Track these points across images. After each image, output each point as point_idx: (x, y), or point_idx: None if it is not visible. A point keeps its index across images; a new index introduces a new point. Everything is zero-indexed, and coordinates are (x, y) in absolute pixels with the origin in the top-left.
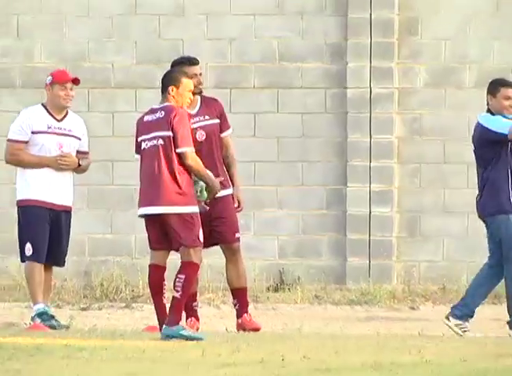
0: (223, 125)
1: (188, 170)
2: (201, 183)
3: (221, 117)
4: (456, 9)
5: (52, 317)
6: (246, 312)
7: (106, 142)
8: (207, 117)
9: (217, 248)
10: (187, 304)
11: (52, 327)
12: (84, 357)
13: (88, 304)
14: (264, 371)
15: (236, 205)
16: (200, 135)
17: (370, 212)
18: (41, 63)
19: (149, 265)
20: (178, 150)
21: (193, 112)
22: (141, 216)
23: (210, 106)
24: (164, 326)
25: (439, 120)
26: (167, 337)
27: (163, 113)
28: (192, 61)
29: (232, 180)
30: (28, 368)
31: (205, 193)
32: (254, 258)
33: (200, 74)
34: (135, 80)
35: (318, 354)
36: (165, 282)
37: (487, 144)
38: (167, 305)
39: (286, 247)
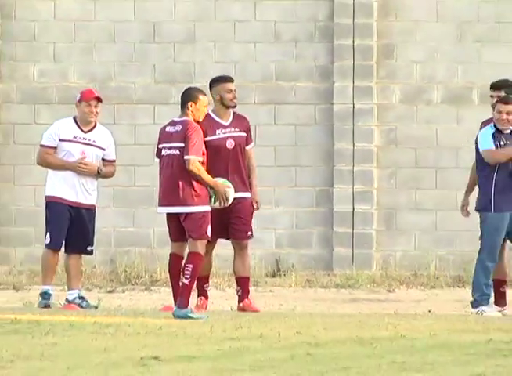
0: (248, 140)
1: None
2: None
3: (248, 132)
4: (425, 37)
5: (82, 298)
6: (247, 297)
7: (129, 150)
8: (236, 129)
9: (224, 240)
10: (199, 285)
11: (47, 306)
12: (110, 332)
13: (114, 287)
14: (263, 345)
15: (254, 206)
16: (230, 144)
17: (353, 209)
18: (74, 82)
19: (170, 254)
20: (185, 157)
21: (226, 123)
22: (160, 213)
23: (240, 121)
24: (175, 307)
25: (411, 131)
26: (178, 317)
27: (180, 127)
28: (229, 79)
29: (251, 185)
30: (63, 341)
31: (215, 202)
32: (254, 249)
33: (235, 90)
34: (153, 97)
35: (309, 330)
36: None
37: (478, 151)
38: None
39: (282, 239)
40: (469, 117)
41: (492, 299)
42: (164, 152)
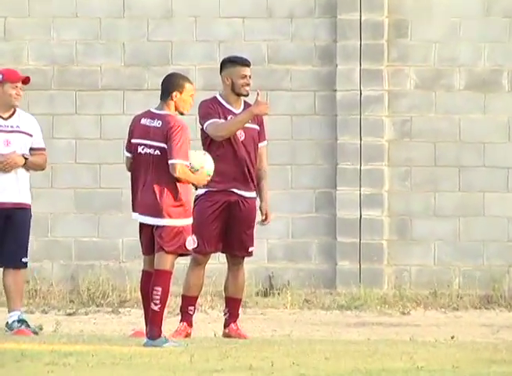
0: (260, 135)
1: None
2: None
3: (261, 126)
4: (445, 11)
5: (22, 321)
6: (234, 322)
7: (94, 145)
8: (249, 120)
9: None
10: (184, 306)
11: None
12: (70, 363)
13: (75, 309)
14: None
15: (263, 218)
16: (240, 135)
17: (360, 215)
18: (29, 65)
19: (142, 271)
20: (169, 161)
21: (237, 112)
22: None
23: None
24: (146, 340)
25: (429, 123)
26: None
27: (160, 123)
28: (245, 62)
29: (261, 193)
30: (13, 374)
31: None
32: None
33: (250, 77)
34: (123, 82)
35: (307, 360)
36: None
37: None
38: None
39: (276, 251)
40: (497, 106)
41: None
42: (140, 149)
